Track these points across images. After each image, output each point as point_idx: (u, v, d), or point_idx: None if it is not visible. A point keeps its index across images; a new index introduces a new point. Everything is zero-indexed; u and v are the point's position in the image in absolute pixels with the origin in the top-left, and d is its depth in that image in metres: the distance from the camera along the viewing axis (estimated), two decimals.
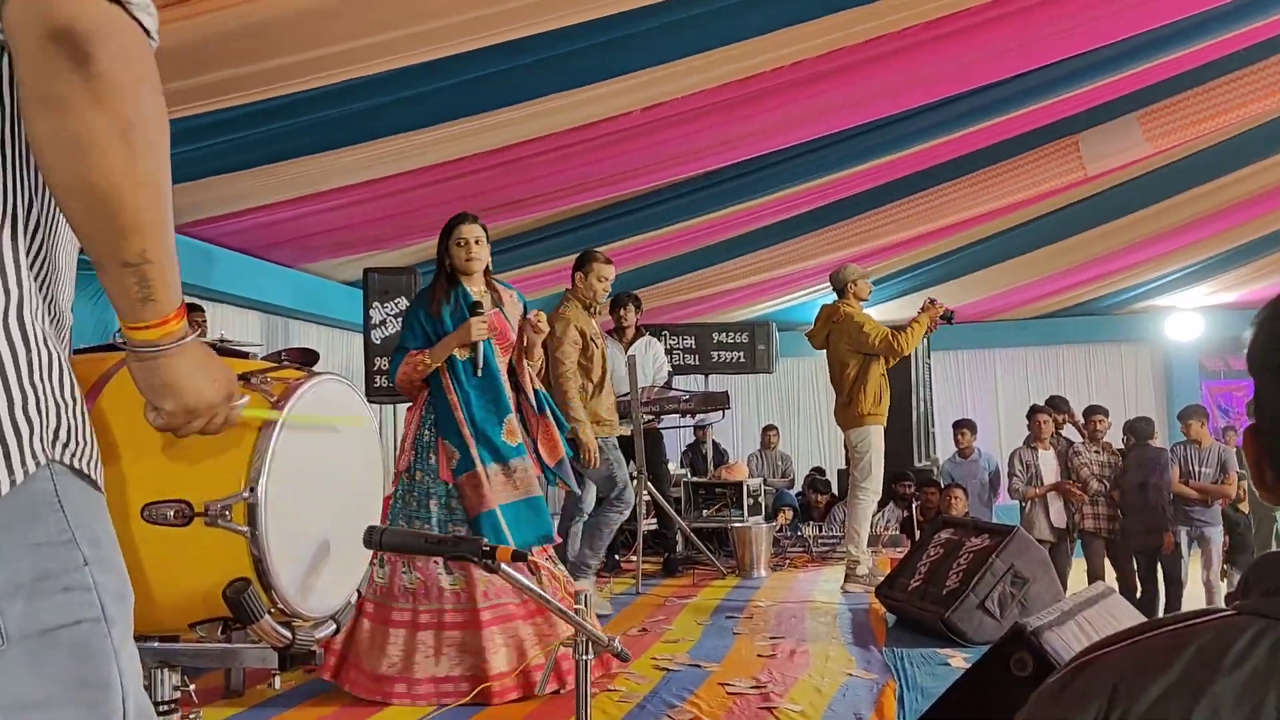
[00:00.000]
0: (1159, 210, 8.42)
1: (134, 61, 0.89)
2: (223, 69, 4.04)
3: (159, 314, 1.00)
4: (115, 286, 0.97)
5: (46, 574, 0.89)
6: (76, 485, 0.94)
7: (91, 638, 0.92)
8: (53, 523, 0.91)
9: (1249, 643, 0.70)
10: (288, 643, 1.51)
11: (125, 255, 0.94)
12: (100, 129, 0.88)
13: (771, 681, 3.75)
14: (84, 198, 0.91)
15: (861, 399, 5.99)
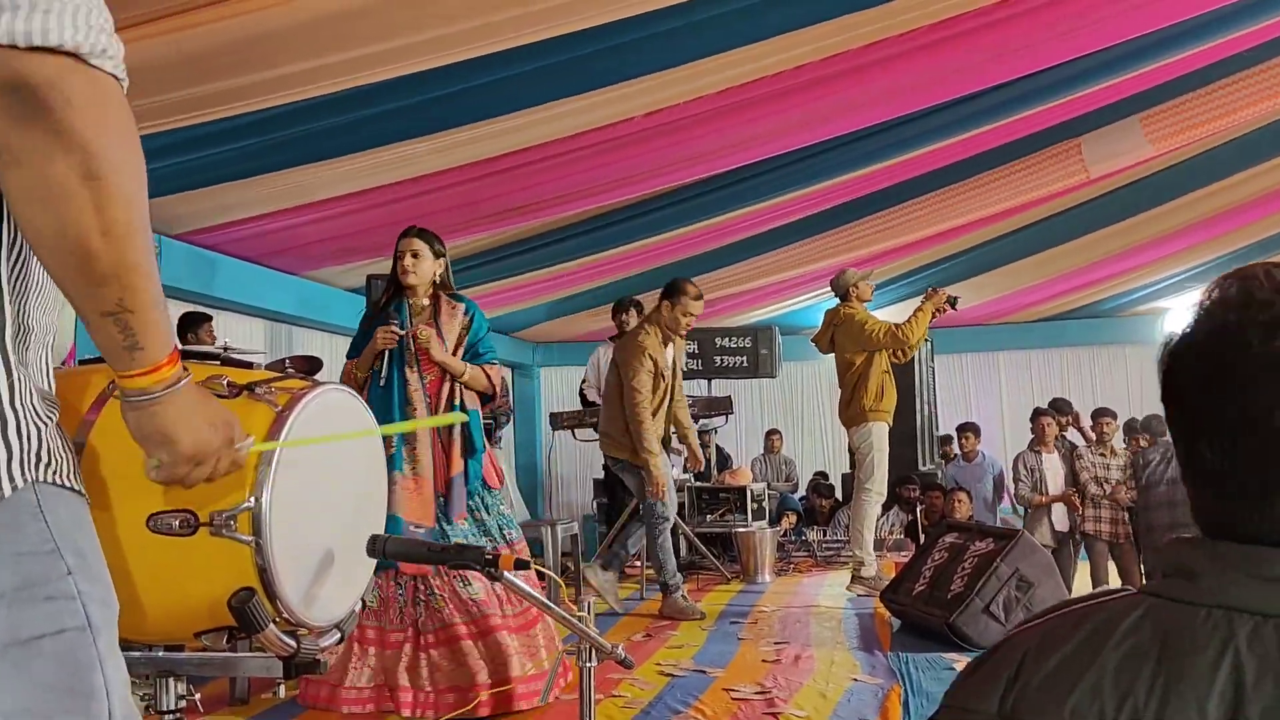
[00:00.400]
0: (1162, 212, 8.41)
1: (93, 109, 0.88)
2: (224, 79, 4.04)
3: (149, 361, 1.00)
4: (100, 337, 0.97)
5: (28, 583, 0.89)
6: (60, 497, 0.94)
7: (76, 647, 0.92)
8: (35, 532, 0.90)
9: (1136, 620, 0.75)
10: (292, 652, 1.52)
11: (103, 306, 0.94)
12: (60, 179, 0.87)
13: (776, 687, 3.75)
14: (53, 248, 0.90)
15: (863, 395, 6.01)
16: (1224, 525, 0.76)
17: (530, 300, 9.12)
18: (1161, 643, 0.73)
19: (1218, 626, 0.71)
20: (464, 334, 3.75)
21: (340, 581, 1.58)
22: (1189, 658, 0.71)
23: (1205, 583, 0.74)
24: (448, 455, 3.64)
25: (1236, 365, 0.74)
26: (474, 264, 7.45)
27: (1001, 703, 0.78)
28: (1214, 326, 0.77)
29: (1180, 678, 0.70)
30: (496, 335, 9.95)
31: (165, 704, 1.66)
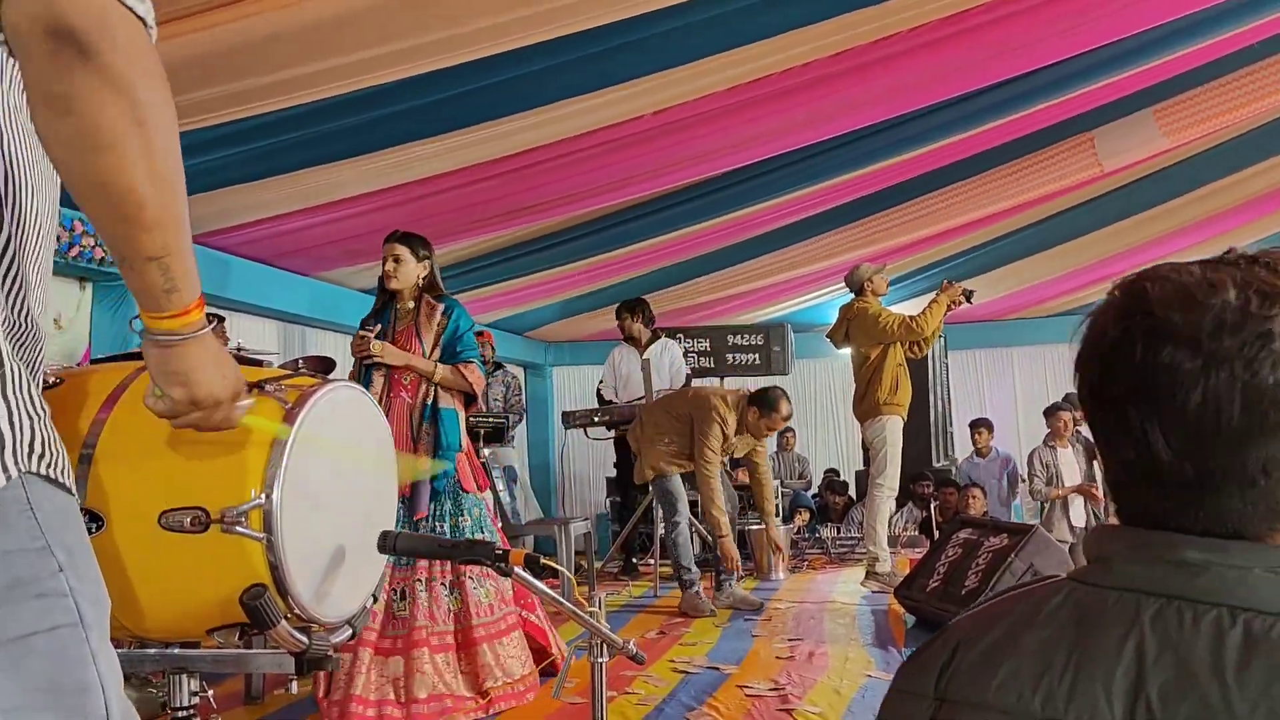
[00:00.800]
0: (1177, 205, 8.35)
1: (136, 54, 0.88)
2: (235, 81, 4.06)
3: (182, 304, 1.02)
4: (140, 281, 0.98)
5: (18, 581, 0.88)
6: (49, 493, 0.93)
7: (69, 644, 0.91)
8: (24, 529, 0.90)
9: (1058, 603, 0.80)
10: (304, 648, 1.52)
11: (149, 250, 0.95)
12: (111, 124, 0.87)
13: (790, 684, 3.74)
14: (102, 195, 0.90)
15: (877, 388, 6.00)
16: (1142, 514, 0.79)
17: (541, 300, 9.13)
18: (1077, 625, 0.77)
19: (1126, 608, 0.75)
20: (440, 334, 3.76)
21: (352, 578, 1.59)
22: (1099, 638, 0.75)
23: (1118, 567, 0.78)
24: (417, 454, 3.66)
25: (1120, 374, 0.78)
26: (485, 264, 7.47)
27: (937, 685, 0.82)
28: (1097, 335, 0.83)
29: (1090, 658, 0.74)
30: (509, 335, 10.00)
31: (179, 700, 1.67)
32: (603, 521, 9.36)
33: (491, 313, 9.19)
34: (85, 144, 0.87)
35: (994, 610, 0.85)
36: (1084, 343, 0.83)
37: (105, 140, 0.87)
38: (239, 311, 6.46)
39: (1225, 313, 0.75)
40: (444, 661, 3.46)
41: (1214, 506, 0.76)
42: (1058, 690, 0.74)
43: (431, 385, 3.70)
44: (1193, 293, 0.78)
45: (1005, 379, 11.64)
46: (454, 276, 7.47)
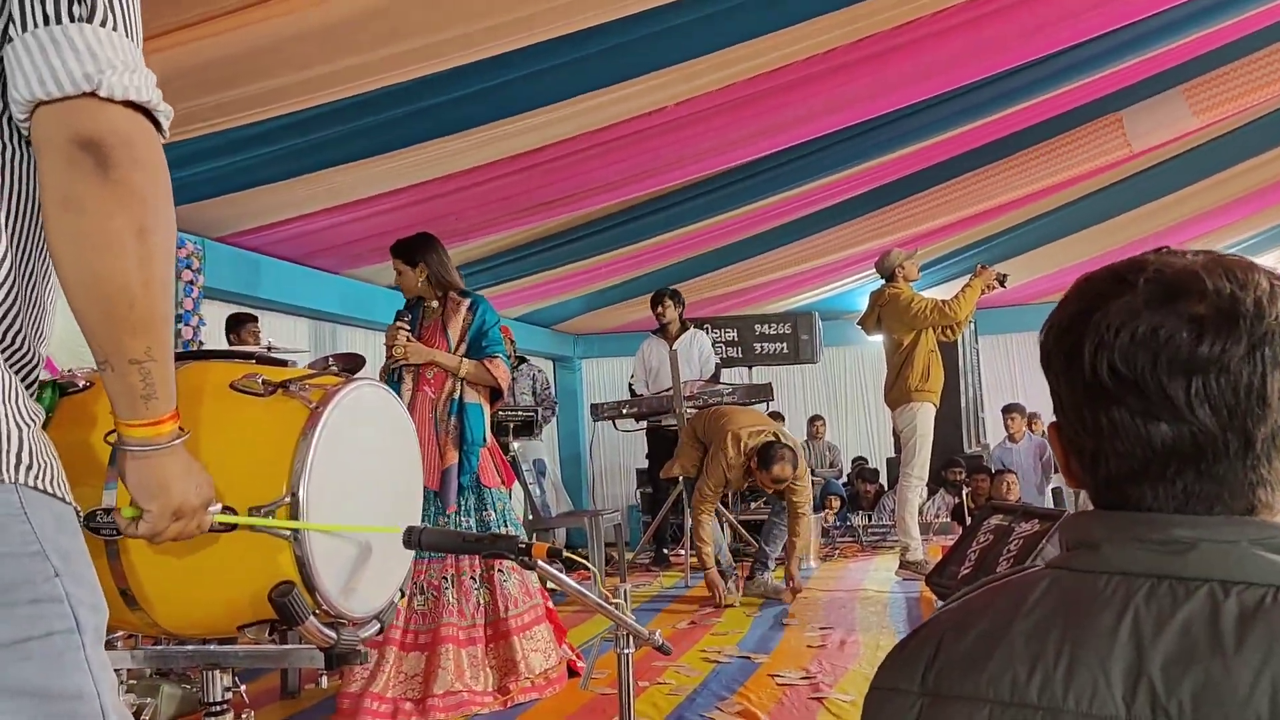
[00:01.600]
0: (1209, 185, 8.23)
1: (151, 169, 0.94)
2: (261, 81, 4.10)
3: (158, 413, 1.04)
4: (119, 385, 1.01)
5: (12, 585, 0.89)
6: (43, 501, 0.94)
7: (65, 649, 0.92)
8: (18, 535, 0.90)
9: (1043, 592, 0.81)
10: (333, 643, 1.55)
11: (132, 353, 0.98)
12: (117, 230, 0.92)
13: (821, 672, 3.75)
14: (95, 294, 0.94)
15: (909, 375, 5.97)
16: (1120, 498, 0.80)
17: (569, 293, 9.16)
18: (1066, 610, 0.78)
19: (1116, 590, 0.76)
20: (465, 329, 3.81)
21: (378, 573, 1.61)
22: (1091, 622, 0.76)
23: (1105, 551, 0.79)
24: (441, 448, 3.69)
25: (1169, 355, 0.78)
26: (512, 258, 7.50)
27: (923, 680, 0.82)
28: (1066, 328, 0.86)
29: (1084, 641, 0.75)
30: (537, 329, 10.04)
31: (212, 696, 1.70)
32: (633, 513, 9.38)
33: (519, 306, 9.22)
34: (89, 243, 0.92)
35: (975, 603, 0.86)
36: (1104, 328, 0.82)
37: (107, 243, 0.92)
38: (270, 310, 6.53)
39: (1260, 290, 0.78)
40: (469, 656, 3.49)
41: (1213, 481, 0.77)
42: (1054, 676, 0.75)
43: (457, 380, 3.74)
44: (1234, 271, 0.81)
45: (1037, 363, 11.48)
46: (481, 271, 7.51)
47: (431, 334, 3.79)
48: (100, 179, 0.91)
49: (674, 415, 6.62)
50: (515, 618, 3.60)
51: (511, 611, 3.59)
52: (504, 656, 3.55)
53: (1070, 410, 0.85)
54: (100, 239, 0.92)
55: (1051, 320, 0.89)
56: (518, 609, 3.62)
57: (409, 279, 3.91)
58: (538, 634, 3.64)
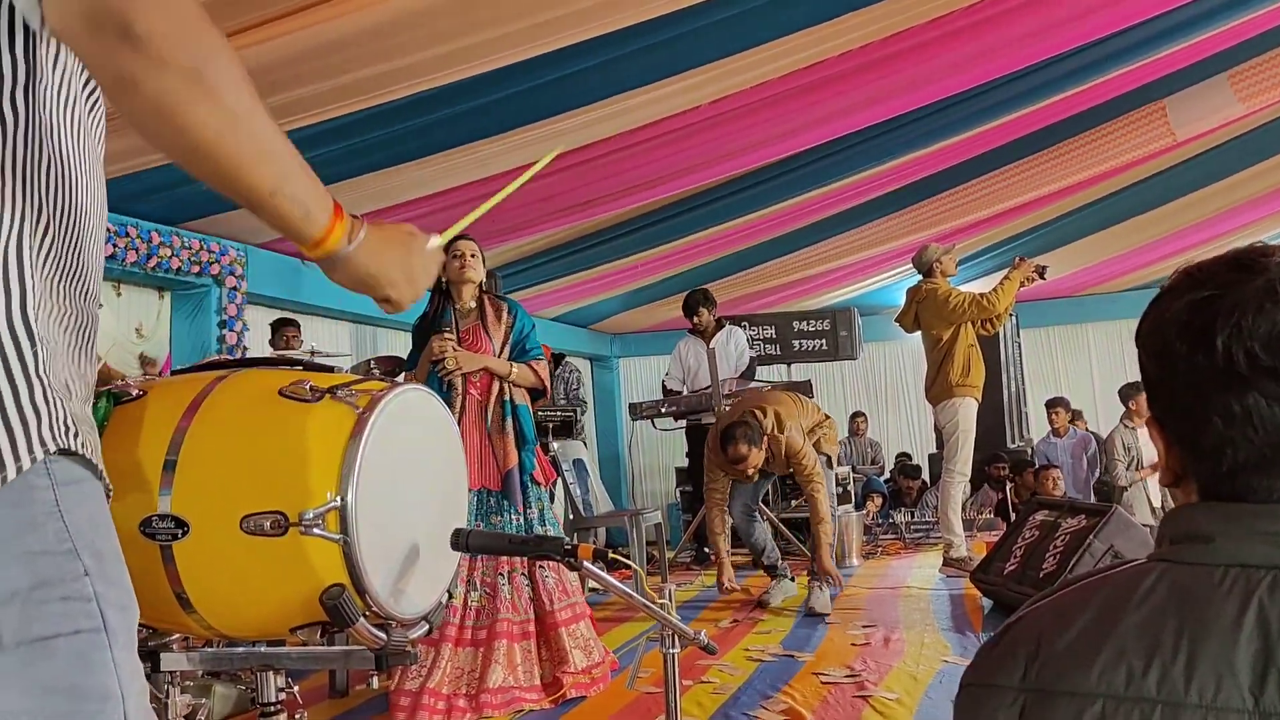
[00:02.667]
0: (1256, 172, 8.08)
1: (172, 16, 0.89)
2: (304, 86, 4.15)
3: (322, 224, 1.02)
4: (274, 218, 0.99)
5: (44, 582, 0.88)
6: (79, 497, 0.93)
7: (91, 648, 0.91)
8: (52, 532, 0.89)
9: (1152, 584, 0.80)
10: (383, 644, 1.57)
11: (265, 186, 0.96)
12: (171, 89, 0.88)
13: (866, 670, 3.73)
14: (194, 156, 0.92)
15: (949, 370, 5.91)
16: (1243, 489, 0.80)
17: (606, 292, 9.18)
18: (1181, 603, 0.77)
19: (1236, 583, 0.76)
20: (509, 333, 3.84)
21: (426, 575, 1.63)
22: (1211, 615, 0.75)
23: (1220, 544, 0.78)
24: (503, 450, 3.72)
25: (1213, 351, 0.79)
26: (550, 258, 7.53)
27: (1025, 675, 0.81)
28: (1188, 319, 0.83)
29: (1205, 634, 0.74)
30: (575, 329, 10.07)
31: (266, 696, 1.73)
32: (673, 511, 9.39)
33: (557, 306, 9.26)
34: (158, 114, 0.89)
35: (1070, 599, 0.84)
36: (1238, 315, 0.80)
37: (172, 106, 0.89)
38: (312, 315, 6.61)
39: None
40: (522, 651, 3.53)
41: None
42: (1173, 669, 0.74)
43: (504, 383, 3.77)
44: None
45: (1081, 356, 11.39)
46: (521, 271, 7.55)
47: (474, 336, 3.80)
48: (129, 46, 0.86)
49: (713, 413, 6.61)
50: (559, 611, 3.64)
51: (556, 605, 3.63)
52: (554, 648, 3.59)
53: (1190, 400, 0.82)
54: (165, 107, 0.89)
55: (1161, 312, 0.86)
56: (560, 604, 3.65)
57: (479, 267, 3.86)
58: (580, 630, 3.68)
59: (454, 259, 3.82)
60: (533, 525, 3.68)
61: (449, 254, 3.82)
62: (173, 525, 1.43)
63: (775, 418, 5.09)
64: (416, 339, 3.89)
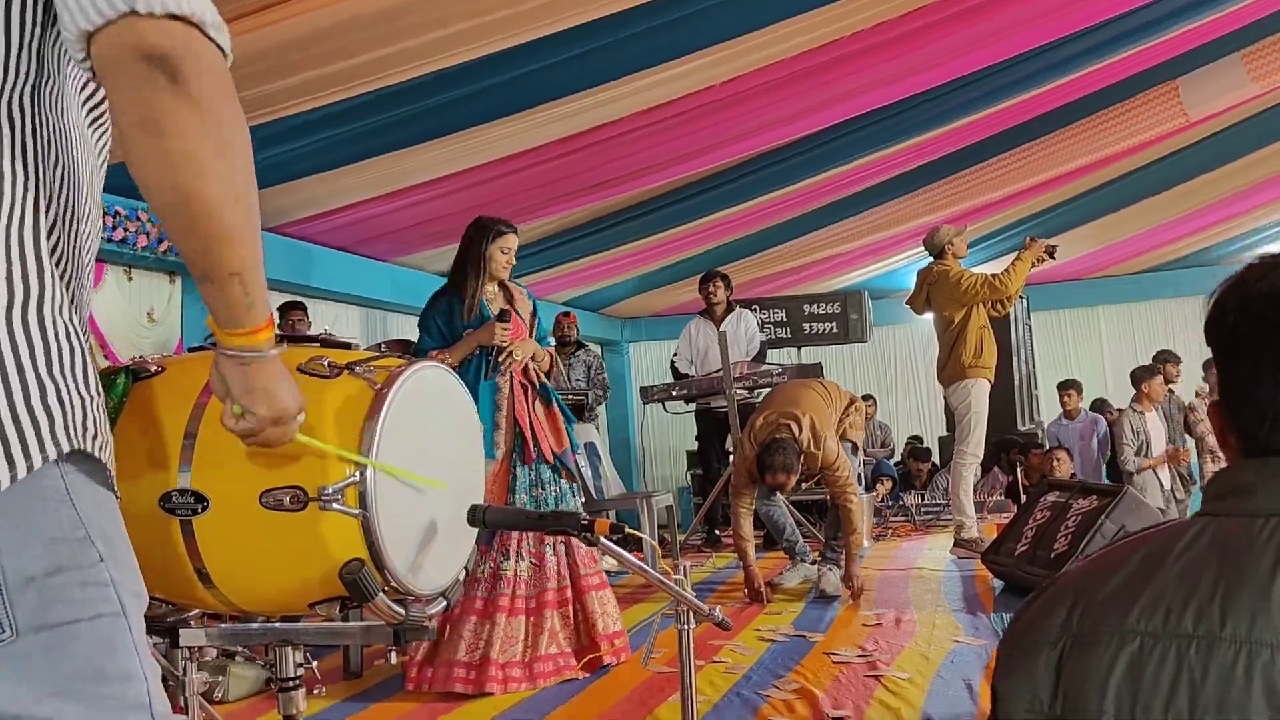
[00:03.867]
0: (1269, 153, 8.03)
1: (220, 80, 0.94)
2: (307, 70, 4.15)
3: (260, 320, 1.07)
4: (221, 297, 1.02)
5: (60, 568, 0.90)
6: (88, 486, 0.95)
7: (112, 632, 0.93)
8: (65, 519, 0.92)
9: (1193, 536, 0.83)
10: (401, 619, 1.58)
11: (231, 265, 1.00)
12: (198, 146, 0.92)
13: (877, 650, 3.74)
14: (185, 213, 0.95)
15: (962, 351, 5.91)
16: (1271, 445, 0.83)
17: (617, 276, 9.17)
18: (1220, 553, 0.80)
19: (1275, 533, 0.79)
20: (532, 320, 3.88)
21: (444, 551, 1.64)
22: (1248, 560, 0.78)
23: (1261, 496, 0.82)
24: (554, 430, 3.77)
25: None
26: (560, 242, 7.52)
27: (1065, 626, 0.84)
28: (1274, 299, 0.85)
29: (1243, 577, 0.77)
30: (585, 313, 10.07)
31: (285, 672, 1.74)
32: (684, 495, 9.40)
33: (567, 290, 9.26)
34: (172, 165, 0.92)
35: (1109, 559, 0.87)
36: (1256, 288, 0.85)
37: (190, 163, 0.92)
38: (321, 299, 6.62)
39: None
40: (561, 617, 3.61)
41: None
42: (1210, 609, 0.77)
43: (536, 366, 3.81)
44: None
45: (1092, 340, 11.36)
46: (530, 255, 7.55)
47: (516, 326, 3.78)
48: (173, 94, 0.90)
49: (724, 396, 6.62)
50: (589, 577, 3.72)
51: (585, 571, 3.71)
52: (586, 610, 3.66)
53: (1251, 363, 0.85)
54: (182, 159, 0.92)
55: (1244, 293, 0.89)
56: (588, 569, 3.74)
57: (510, 259, 3.85)
58: (605, 596, 3.75)
59: (502, 253, 3.79)
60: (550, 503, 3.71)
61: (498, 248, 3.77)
62: (193, 500, 1.44)
63: (811, 429, 4.81)
64: (437, 320, 3.82)
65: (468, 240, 3.83)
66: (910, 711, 3.03)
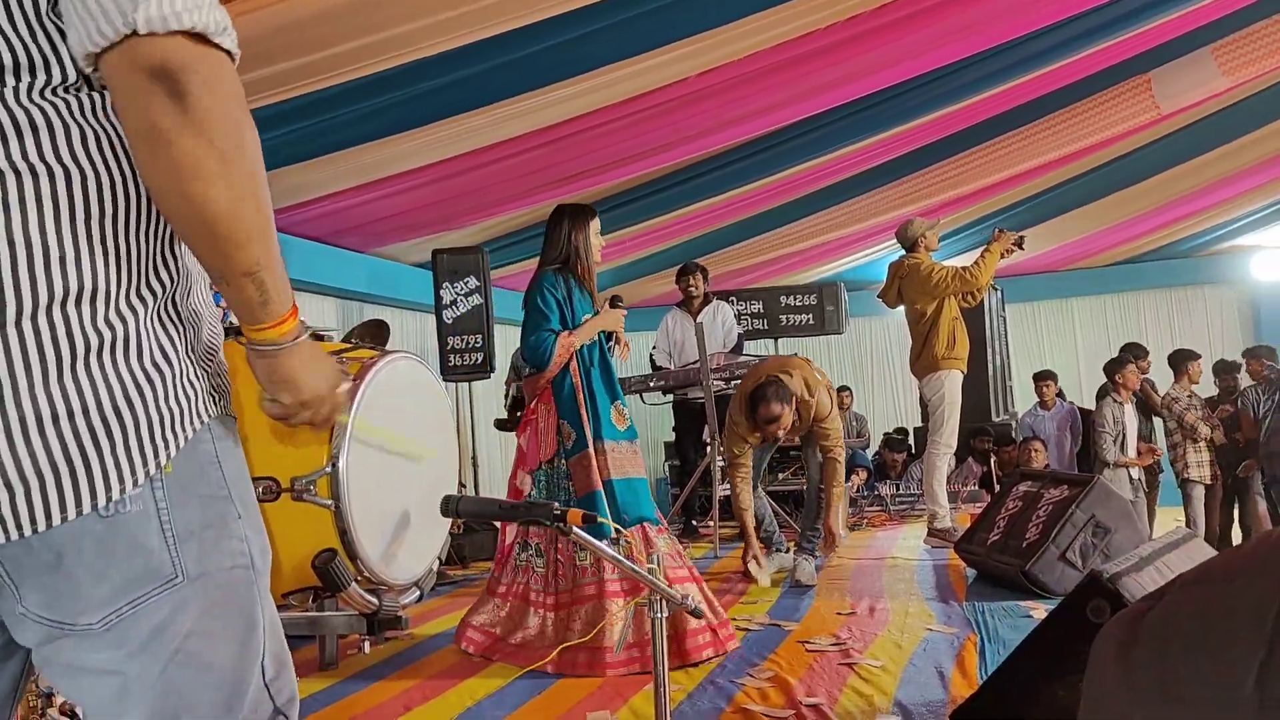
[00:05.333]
0: (1239, 146, 8.13)
1: (222, 86, 0.96)
2: (283, 60, 4.13)
3: (278, 315, 1.09)
4: (236, 296, 1.06)
5: (211, 523, 1.03)
6: (231, 451, 1.08)
7: (245, 584, 1.06)
8: (215, 479, 1.05)
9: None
10: (375, 609, 1.59)
11: (243, 266, 1.03)
12: (200, 155, 0.95)
13: (851, 638, 3.77)
14: (194, 220, 0.98)
15: (935, 343, 5.94)
16: None
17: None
18: None
19: None
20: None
21: (418, 541, 1.65)
22: None
23: None
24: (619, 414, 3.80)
25: None
26: (536, 234, 7.50)
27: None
28: None
29: None
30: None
31: None
32: (661, 485, 9.42)
33: None
34: (178, 174, 0.95)
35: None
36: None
37: (193, 170, 0.95)
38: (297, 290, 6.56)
39: None
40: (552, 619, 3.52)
41: None
42: None
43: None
44: None
45: (1066, 331, 11.47)
46: (507, 247, 7.54)
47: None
48: (176, 108, 0.93)
49: (700, 388, 6.63)
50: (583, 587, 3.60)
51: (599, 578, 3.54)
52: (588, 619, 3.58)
53: None
54: (187, 168, 0.95)
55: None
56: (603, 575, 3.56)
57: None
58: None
59: (598, 236, 3.76)
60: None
61: (594, 233, 3.75)
62: None
63: (803, 382, 4.87)
64: (556, 301, 3.71)
65: (573, 221, 3.78)
66: (883, 698, 3.06)
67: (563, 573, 3.50)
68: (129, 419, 0.97)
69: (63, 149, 0.94)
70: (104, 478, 0.95)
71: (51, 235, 0.93)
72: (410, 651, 3.76)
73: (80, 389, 0.94)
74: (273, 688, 1.09)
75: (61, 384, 0.93)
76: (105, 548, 0.96)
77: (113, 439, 0.96)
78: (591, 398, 3.64)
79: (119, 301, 0.97)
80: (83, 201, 0.95)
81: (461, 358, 6.89)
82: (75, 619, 0.97)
